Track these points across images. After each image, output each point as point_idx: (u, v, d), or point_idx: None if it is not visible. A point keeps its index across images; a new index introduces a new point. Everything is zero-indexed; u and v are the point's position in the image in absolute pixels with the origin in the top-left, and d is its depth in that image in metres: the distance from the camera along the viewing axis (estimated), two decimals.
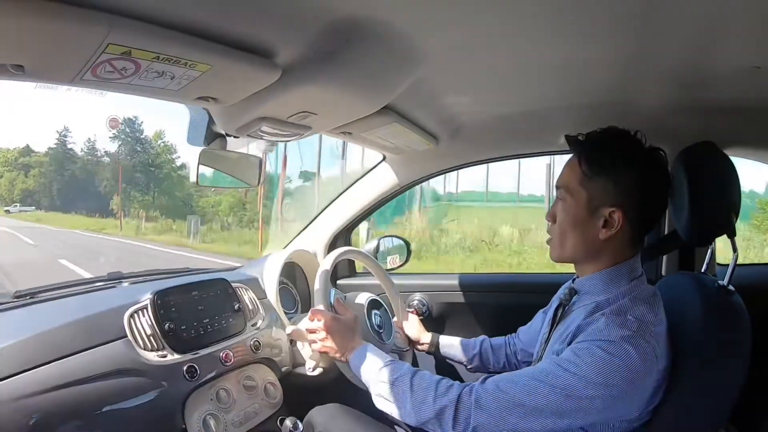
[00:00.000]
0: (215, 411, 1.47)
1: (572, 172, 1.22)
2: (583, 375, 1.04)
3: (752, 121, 1.67)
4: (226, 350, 1.57)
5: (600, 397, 1.04)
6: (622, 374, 1.03)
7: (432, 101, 1.64)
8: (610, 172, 1.17)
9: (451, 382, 1.19)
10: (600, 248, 1.21)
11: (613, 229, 1.17)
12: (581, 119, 1.66)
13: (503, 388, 1.11)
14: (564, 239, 1.24)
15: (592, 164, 1.18)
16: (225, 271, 2.08)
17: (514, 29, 1.13)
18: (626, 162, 1.17)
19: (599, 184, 1.18)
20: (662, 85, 1.49)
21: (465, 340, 1.81)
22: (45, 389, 1.16)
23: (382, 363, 1.30)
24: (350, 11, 0.99)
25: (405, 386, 1.21)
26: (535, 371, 1.12)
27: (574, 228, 1.22)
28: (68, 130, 45.36)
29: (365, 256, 1.91)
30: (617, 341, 1.05)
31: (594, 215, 1.18)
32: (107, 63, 0.87)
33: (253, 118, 1.30)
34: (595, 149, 1.20)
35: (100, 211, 37.93)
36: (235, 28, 0.94)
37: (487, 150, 2.12)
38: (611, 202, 1.16)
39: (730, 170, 1.30)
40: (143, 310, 1.45)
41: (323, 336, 1.47)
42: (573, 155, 1.25)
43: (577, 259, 1.27)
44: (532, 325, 1.68)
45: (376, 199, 2.26)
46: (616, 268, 1.20)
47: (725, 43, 1.19)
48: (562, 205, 1.24)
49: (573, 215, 1.21)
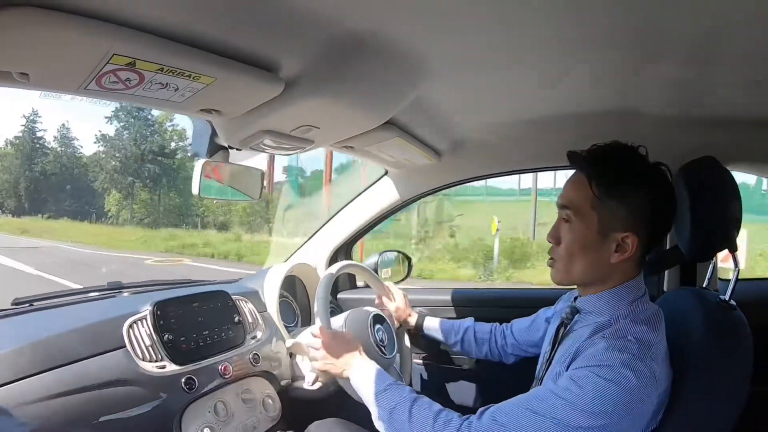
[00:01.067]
0: (213, 424, 1.46)
1: (580, 193, 1.16)
2: (581, 405, 1.02)
3: (753, 135, 1.67)
4: (225, 362, 1.56)
5: (598, 427, 1.02)
6: (620, 401, 1.01)
7: (434, 116, 1.65)
8: (621, 194, 1.12)
9: (450, 416, 1.17)
10: (609, 272, 1.17)
11: (626, 254, 1.13)
12: (583, 133, 1.66)
13: (500, 422, 1.09)
14: (571, 263, 1.19)
15: (603, 186, 1.13)
16: (225, 283, 2.08)
17: (516, 44, 1.14)
18: (637, 182, 1.13)
19: (611, 207, 1.13)
20: (663, 98, 1.50)
21: (449, 324, 1.83)
22: (43, 397, 1.16)
23: (382, 386, 1.30)
24: (354, 26, 1.00)
25: (404, 415, 1.20)
26: (531, 401, 1.10)
27: (584, 252, 1.17)
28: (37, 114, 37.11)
29: (366, 270, 1.91)
30: (616, 366, 1.03)
31: (606, 239, 1.14)
32: (112, 73, 0.88)
33: (256, 130, 1.31)
34: (606, 169, 1.14)
35: (86, 214, 33.31)
36: (239, 41, 0.95)
37: (490, 165, 2.12)
38: (624, 226, 1.12)
39: (731, 185, 1.30)
40: (143, 321, 1.45)
41: (323, 354, 1.47)
42: (576, 172, 1.20)
43: (585, 282, 1.23)
44: (531, 327, 1.67)
45: (378, 214, 2.26)
46: (621, 288, 1.18)
47: (725, 58, 1.20)
48: (569, 227, 1.19)
49: (582, 239, 1.17)
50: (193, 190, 1.48)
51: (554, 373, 1.16)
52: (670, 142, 1.68)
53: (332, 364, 1.45)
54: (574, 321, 1.25)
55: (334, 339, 1.47)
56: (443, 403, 1.22)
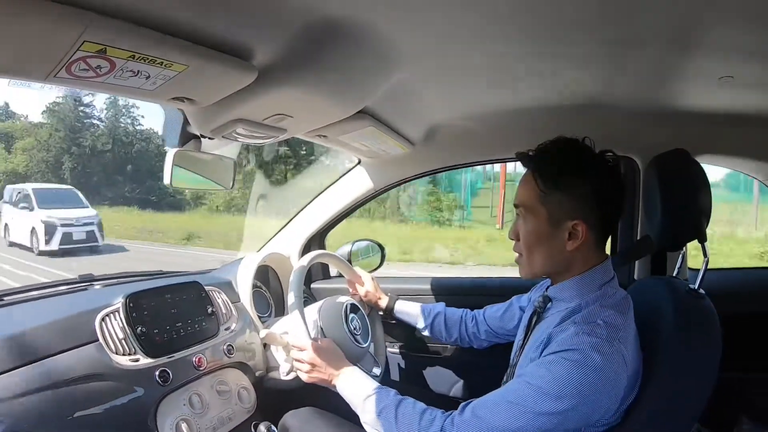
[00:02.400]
0: (188, 416, 1.45)
1: (529, 190, 1.24)
2: (552, 391, 1.07)
3: (724, 129, 1.72)
4: (199, 354, 1.55)
5: (572, 409, 1.07)
6: (589, 383, 1.06)
7: (408, 105, 1.65)
8: (564, 186, 1.19)
9: (434, 414, 1.20)
10: (569, 259, 1.23)
11: (578, 241, 1.19)
12: (555, 124, 1.68)
13: (480, 416, 1.13)
14: (531, 256, 1.26)
15: (546, 180, 1.20)
16: (198, 273, 2.06)
17: (489, 33, 1.14)
18: (578, 173, 1.19)
19: (556, 199, 1.20)
20: (636, 92, 1.53)
21: (419, 308, 1.85)
22: (15, 394, 1.14)
23: (368, 392, 1.31)
24: (327, 13, 1.00)
25: (390, 417, 1.24)
26: (508, 393, 1.14)
27: (540, 244, 1.24)
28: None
29: (339, 259, 1.91)
30: (585, 349, 1.08)
31: (558, 229, 1.21)
32: (82, 61, 0.85)
33: (229, 119, 1.29)
34: (546, 164, 1.22)
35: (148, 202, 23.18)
36: (212, 28, 0.94)
37: (463, 154, 2.14)
38: (571, 215, 1.19)
39: (701, 177, 1.33)
40: (115, 314, 1.43)
41: (309, 368, 1.47)
42: (526, 171, 1.26)
43: (550, 273, 1.29)
44: (505, 315, 1.70)
45: (351, 203, 2.26)
46: (588, 274, 1.23)
47: (698, 53, 1.22)
48: (523, 223, 1.27)
49: (536, 232, 1.24)
50: (164, 179, 1.46)
51: (527, 359, 1.21)
52: (641, 135, 1.72)
53: (319, 375, 1.45)
54: (547, 309, 1.30)
55: (319, 351, 1.47)
56: (420, 390, 1.24)
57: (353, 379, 1.39)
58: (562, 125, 1.33)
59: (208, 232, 17.56)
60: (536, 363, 1.13)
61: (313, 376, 1.46)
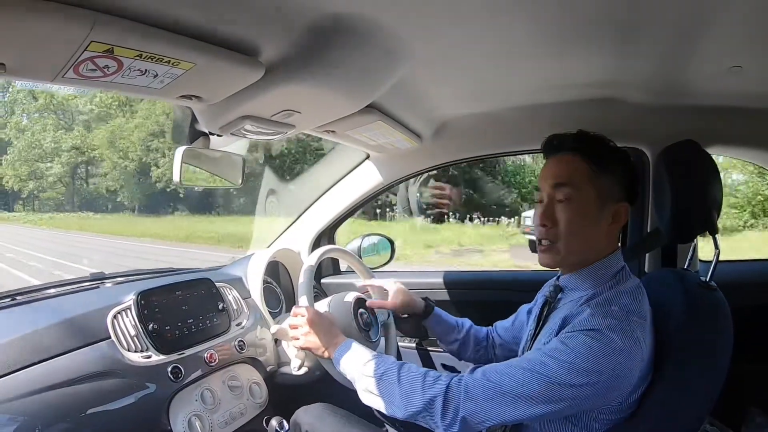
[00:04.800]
0: (200, 412, 1.46)
1: (576, 169, 1.20)
2: (570, 362, 1.05)
3: (734, 119, 1.69)
4: (211, 350, 1.57)
5: (587, 385, 1.05)
6: (608, 361, 1.04)
7: (415, 100, 1.64)
8: (611, 168, 1.20)
9: (438, 374, 1.19)
10: (600, 245, 1.22)
11: (620, 224, 1.21)
12: (564, 117, 1.68)
13: (491, 378, 1.11)
14: (570, 241, 1.21)
15: (597, 160, 1.19)
16: (209, 270, 2.06)
17: (498, 32, 1.14)
18: (619, 158, 1.21)
19: (606, 180, 1.19)
20: (644, 84, 1.51)
21: (451, 321, 1.71)
22: (29, 392, 1.15)
23: (367, 357, 1.30)
24: (335, 9, 0.99)
25: (392, 379, 1.21)
26: (522, 361, 1.13)
27: (585, 226, 1.20)
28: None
29: (349, 254, 1.91)
30: (602, 330, 1.06)
31: (603, 211, 1.19)
32: (89, 61, 0.86)
33: (237, 116, 1.30)
34: (596, 147, 1.21)
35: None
36: (219, 26, 0.94)
37: (471, 148, 2.12)
38: (618, 196, 1.20)
39: (712, 169, 1.32)
40: (127, 311, 1.45)
41: (306, 331, 1.44)
42: (562, 154, 1.23)
43: (582, 260, 1.24)
44: (515, 322, 1.66)
45: (360, 198, 2.26)
46: (600, 264, 1.22)
47: (706, 44, 1.21)
48: (566, 205, 1.20)
49: (584, 213, 1.20)
50: (173, 177, 1.46)
51: (541, 343, 1.19)
52: (650, 126, 1.71)
53: (314, 341, 1.42)
54: (558, 299, 1.28)
55: (317, 316, 1.46)
56: None
57: (350, 348, 1.35)
58: (571, 118, 1.33)
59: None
60: (555, 339, 1.12)
61: (309, 339, 1.43)
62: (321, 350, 1.42)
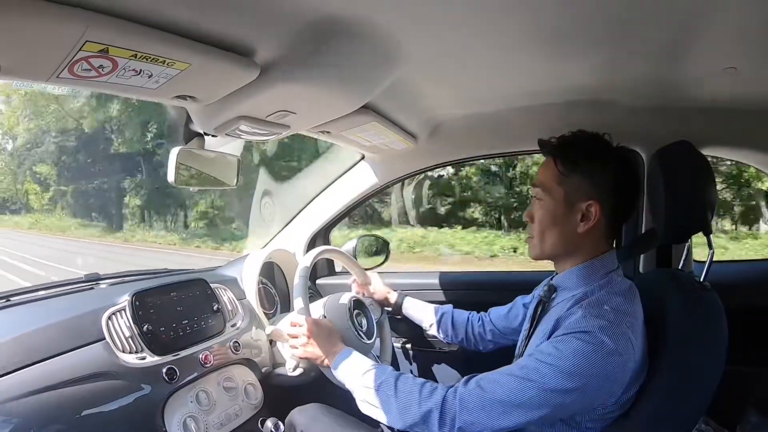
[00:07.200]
0: (195, 413, 1.46)
1: (548, 172, 1.26)
2: (561, 367, 1.07)
3: (728, 120, 1.70)
4: (206, 351, 1.56)
5: (579, 389, 1.06)
6: (600, 364, 1.06)
7: (411, 100, 1.65)
8: (584, 169, 1.21)
9: (435, 385, 1.20)
10: (578, 243, 1.24)
11: (591, 222, 1.20)
12: (558, 119, 1.68)
13: (485, 388, 1.13)
14: (544, 236, 1.27)
15: (566, 163, 1.23)
16: (203, 271, 2.06)
17: (493, 33, 1.15)
18: (598, 159, 1.22)
19: (574, 180, 1.21)
20: (639, 85, 1.52)
21: (427, 307, 1.85)
22: (24, 393, 1.15)
23: (365, 368, 1.31)
24: (330, 10, 0.99)
25: (389, 391, 1.23)
26: (515, 368, 1.14)
27: (554, 224, 1.25)
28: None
29: (344, 255, 1.91)
30: (594, 331, 1.08)
31: (572, 210, 1.21)
32: (84, 61, 0.86)
33: (232, 117, 1.29)
34: (567, 149, 1.24)
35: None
36: (214, 26, 0.94)
37: (466, 149, 2.13)
38: (587, 195, 1.20)
39: (706, 169, 1.33)
40: (121, 312, 1.44)
41: (305, 341, 1.47)
42: (546, 157, 1.28)
43: (557, 255, 1.29)
44: (509, 314, 1.69)
45: (355, 199, 2.26)
46: (593, 263, 1.23)
47: (701, 45, 1.22)
48: (539, 204, 1.27)
49: (552, 212, 1.25)
50: (168, 177, 1.46)
51: (534, 346, 1.20)
52: (645, 127, 1.71)
53: (313, 352, 1.45)
54: (552, 298, 1.30)
55: (316, 326, 1.47)
56: None
57: (349, 357, 1.38)
58: (566, 119, 1.33)
59: None
60: (547, 343, 1.13)
61: (308, 350, 1.46)
62: (320, 359, 1.44)
